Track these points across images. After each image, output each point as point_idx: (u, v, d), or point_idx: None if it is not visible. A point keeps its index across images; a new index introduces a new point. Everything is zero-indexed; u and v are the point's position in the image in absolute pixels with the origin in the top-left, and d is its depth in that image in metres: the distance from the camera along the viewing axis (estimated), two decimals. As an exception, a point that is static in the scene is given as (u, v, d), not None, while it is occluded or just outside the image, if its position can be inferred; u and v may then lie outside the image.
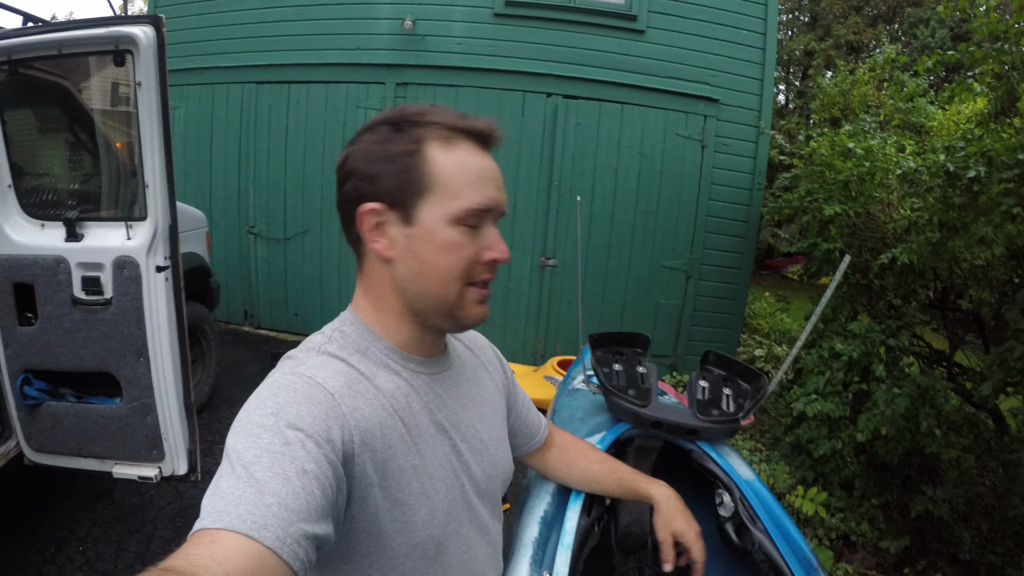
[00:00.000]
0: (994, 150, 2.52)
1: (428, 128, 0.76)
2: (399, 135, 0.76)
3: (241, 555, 0.50)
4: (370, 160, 0.76)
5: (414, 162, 0.75)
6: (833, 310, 3.70)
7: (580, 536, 1.18)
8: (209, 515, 0.54)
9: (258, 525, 0.52)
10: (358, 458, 0.69)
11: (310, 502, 0.57)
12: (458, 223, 0.75)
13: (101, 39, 2.25)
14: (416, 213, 0.75)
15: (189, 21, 5.75)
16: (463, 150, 0.77)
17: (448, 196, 0.75)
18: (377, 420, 0.73)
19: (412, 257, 0.77)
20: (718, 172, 5.37)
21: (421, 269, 0.77)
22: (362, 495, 0.70)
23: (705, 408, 1.51)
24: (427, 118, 0.76)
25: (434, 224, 0.75)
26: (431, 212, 0.75)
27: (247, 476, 0.57)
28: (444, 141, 0.76)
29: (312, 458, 0.60)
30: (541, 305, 5.55)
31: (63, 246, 2.41)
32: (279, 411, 0.64)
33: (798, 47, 13.94)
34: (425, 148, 0.75)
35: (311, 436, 0.62)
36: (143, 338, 2.36)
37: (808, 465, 3.47)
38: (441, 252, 0.76)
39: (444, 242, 0.75)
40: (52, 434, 2.50)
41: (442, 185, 0.75)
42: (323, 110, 5.53)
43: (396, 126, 0.77)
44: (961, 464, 2.90)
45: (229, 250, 5.88)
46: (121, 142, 2.83)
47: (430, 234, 0.75)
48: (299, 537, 0.55)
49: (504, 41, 5.25)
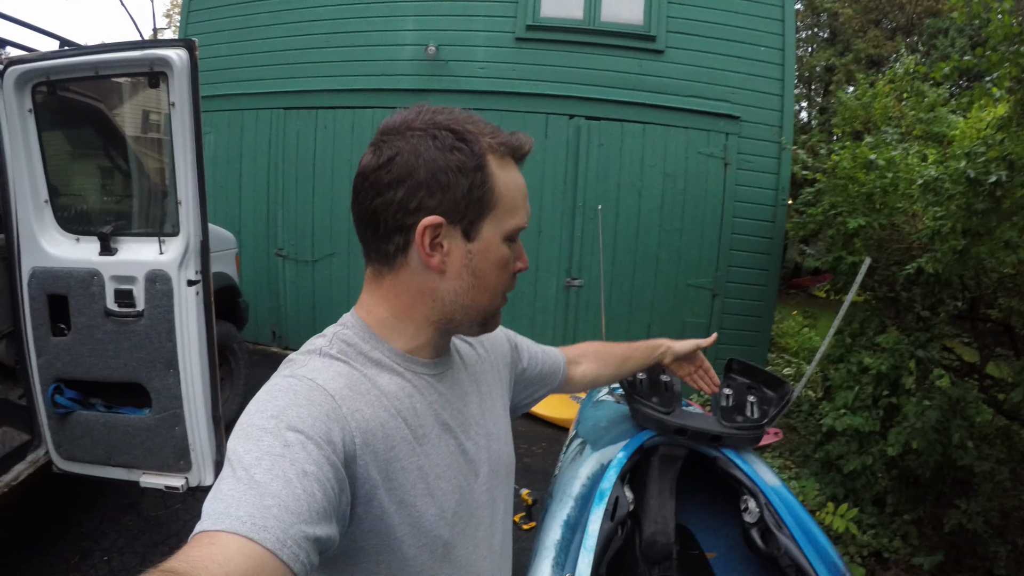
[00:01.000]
0: (1015, 154, 2.49)
1: (486, 142, 0.75)
2: (465, 146, 0.72)
3: (241, 557, 0.50)
4: (436, 169, 0.72)
5: (483, 178, 0.73)
6: (861, 324, 3.64)
7: (603, 539, 1.18)
8: (209, 517, 0.54)
9: (258, 527, 0.52)
10: (360, 460, 0.68)
11: (311, 504, 0.57)
12: (507, 240, 0.77)
13: (137, 61, 2.35)
14: (479, 229, 0.75)
15: (218, 49, 5.95)
16: (512, 167, 0.78)
17: (506, 214, 0.76)
18: (379, 422, 0.72)
19: (469, 272, 0.76)
20: (741, 189, 5.36)
21: (475, 284, 0.77)
22: (367, 496, 0.70)
23: (729, 415, 1.51)
24: (484, 131, 0.76)
25: (493, 241, 0.76)
26: (491, 229, 0.76)
27: (248, 478, 0.57)
28: (500, 158, 0.76)
29: (313, 460, 0.60)
30: (568, 325, 5.56)
31: (97, 259, 2.48)
32: (279, 414, 0.64)
33: (819, 63, 13.90)
34: (489, 164, 0.74)
35: (311, 438, 0.62)
36: (173, 350, 2.41)
37: (838, 481, 3.39)
38: (496, 268, 0.77)
39: (499, 258, 0.77)
40: (81, 443, 2.55)
41: (502, 203, 0.76)
42: (349, 135, 5.65)
43: (461, 137, 0.73)
44: (995, 476, 2.82)
45: (258, 272, 5.99)
46: (154, 163, 2.93)
47: (488, 250, 0.76)
48: (300, 539, 0.54)
49: (526, 64, 5.35)
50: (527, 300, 5.51)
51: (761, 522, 1.32)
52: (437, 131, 0.73)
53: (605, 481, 1.30)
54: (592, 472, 1.42)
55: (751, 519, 1.35)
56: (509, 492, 0.97)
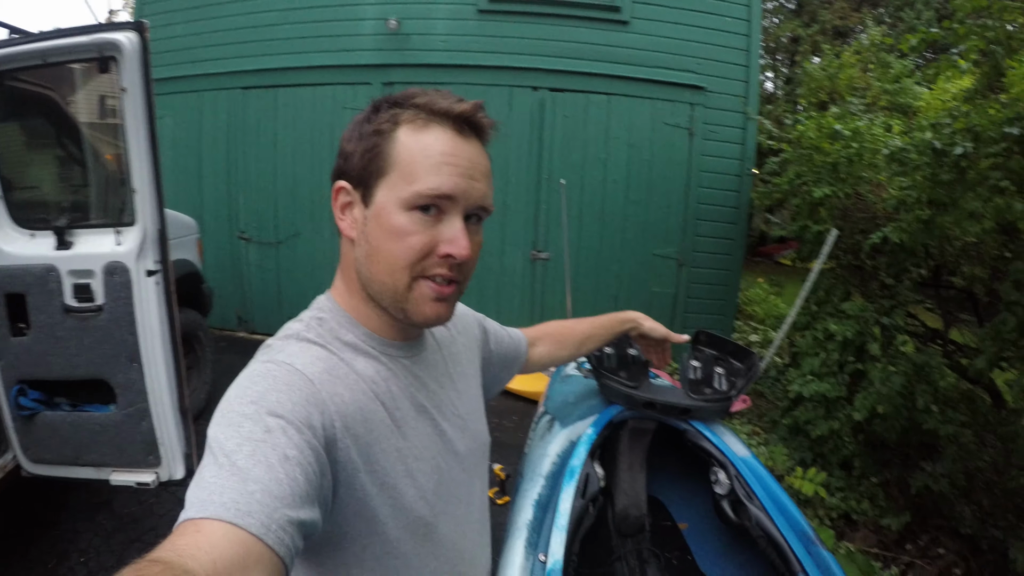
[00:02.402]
0: (981, 126, 2.52)
1: (406, 110, 0.74)
2: (376, 115, 0.75)
3: (227, 543, 0.50)
4: (348, 139, 0.77)
5: (380, 142, 0.73)
6: (826, 291, 3.71)
7: (575, 517, 1.18)
8: (193, 505, 0.54)
9: (242, 512, 0.52)
10: (340, 443, 0.69)
11: (294, 488, 0.57)
12: (412, 208, 0.72)
13: (85, 47, 2.26)
14: (374, 194, 0.74)
15: (174, 30, 5.75)
16: (434, 134, 0.73)
17: (403, 179, 0.72)
18: (358, 405, 0.73)
19: (365, 239, 0.75)
20: (707, 159, 5.39)
21: (369, 252, 0.75)
22: (348, 480, 0.70)
23: (697, 387, 1.52)
24: (411, 100, 0.75)
25: (386, 207, 0.73)
26: (385, 194, 0.73)
27: (229, 465, 0.56)
28: (419, 124, 0.73)
29: (294, 444, 0.60)
30: (535, 298, 5.56)
31: (53, 254, 2.41)
32: (259, 399, 0.64)
33: (784, 34, 13.93)
34: (397, 129, 0.73)
35: (292, 423, 0.62)
36: (135, 343, 2.36)
37: (806, 446, 3.48)
38: (388, 237, 0.73)
39: (392, 227, 0.72)
40: (49, 444, 2.49)
41: (400, 167, 0.72)
42: (310, 113, 5.53)
43: (377, 107, 0.76)
44: (959, 439, 2.90)
45: (221, 256, 5.87)
46: (109, 151, 2.83)
47: (380, 216, 0.73)
48: (284, 523, 0.54)
49: (489, 37, 5.26)
50: (493, 274, 5.50)
51: (732, 493, 1.34)
52: (369, 107, 0.77)
53: (575, 458, 1.31)
54: (561, 449, 1.42)
55: (722, 491, 1.37)
56: (485, 471, 0.99)
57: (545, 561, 1.07)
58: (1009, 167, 2.37)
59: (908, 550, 2.84)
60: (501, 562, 1.08)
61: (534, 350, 1.26)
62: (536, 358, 1.26)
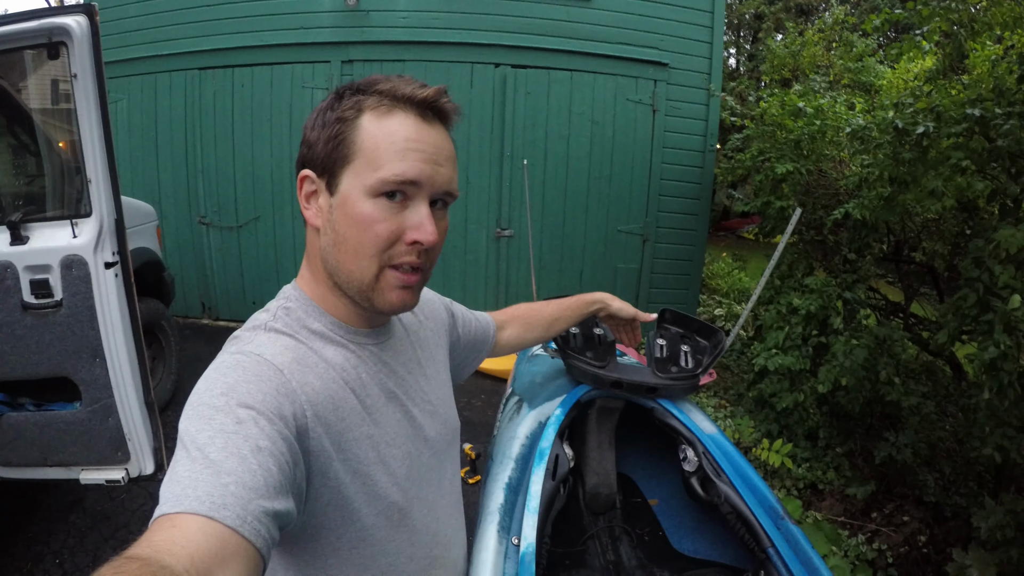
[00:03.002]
0: (943, 105, 2.57)
1: (369, 97, 0.74)
2: (339, 103, 0.75)
3: (203, 536, 0.50)
4: (311, 127, 0.76)
5: (343, 129, 0.73)
6: (789, 266, 3.78)
7: (546, 499, 1.20)
8: (168, 500, 0.54)
9: (217, 505, 0.52)
10: (312, 432, 0.69)
11: (267, 479, 0.57)
12: (377, 195, 0.72)
13: (33, 32, 2.17)
14: (339, 182, 0.74)
15: (126, 10, 5.51)
16: (398, 120, 0.72)
17: (368, 166, 0.72)
18: (328, 393, 0.73)
19: (331, 228, 0.75)
20: (670, 136, 5.42)
21: (336, 241, 0.75)
22: (322, 469, 0.70)
23: (664, 366, 1.54)
24: (374, 87, 0.74)
25: (351, 195, 0.72)
26: (350, 182, 0.73)
27: (202, 458, 0.56)
28: (382, 110, 0.73)
29: (266, 435, 0.60)
30: (500, 276, 5.58)
31: (8, 250, 2.32)
32: (229, 391, 0.64)
33: (748, 11, 13.97)
34: (360, 116, 0.73)
35: (263, 413, 0.62)
36: (97, 338, 2.30)
37: (772, 418, 3.57)
38: (354, 225, 0.73)
39: (358, 215, 0.72)
40: (15, 446, 2.42)
41: (365, 154, 0.72)
42: (268, 93, 5.40)
43: (339, 94, 0.76)
44: (921, 410, 3.00)
45: (182, 242, 5.74)
46: (62, 139, 2.72)
47: (345, 204, 0.73)
48: (259, 514, 0.55)
49: (449, 13, 5.18)
50: (457, 252, 5.49)
51: (700, 471, 1.37)
52: (332, 95, 0.77)
53: (544, 440, 1.32)
54: (530, 431, 1.43)
55: (690, 468, 1.40)
56: (456, 455, 1.01)
57: (519, 544, 1.09)
58: (971, 147, 2.42)
59: (874, 518, 2.95)
60: (474, 547, 1.09)
61: (502, 333, 1.27)
62: (504, 341, 1.27)
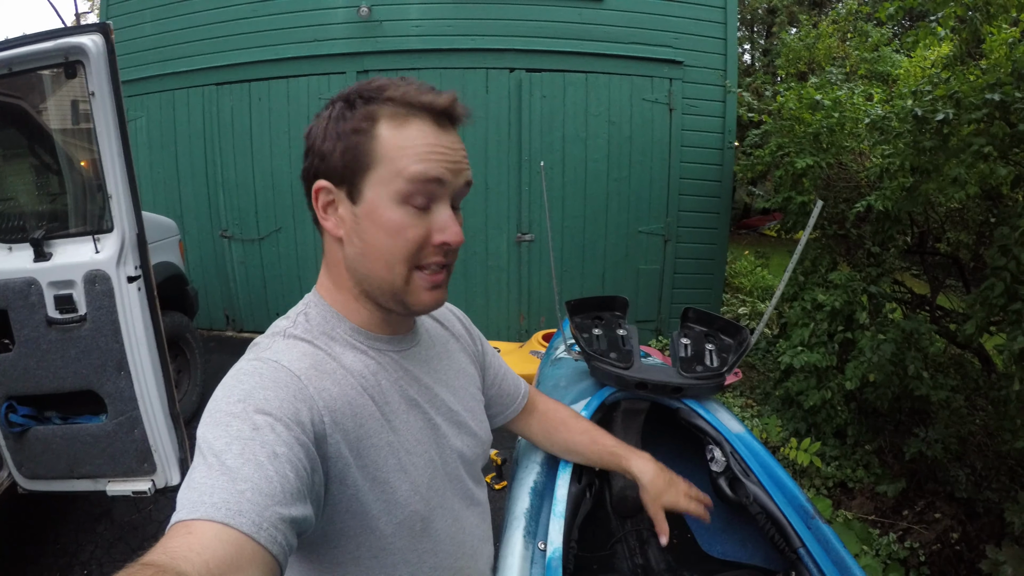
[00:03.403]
0: (961, 92, 2.51)
1: (382, 105, 0.73)
2: (351, 112, 0.74)
3: (219, 543, 0.50)
4: (323, 137, 0.75)
5: (362, 139, 0.72)
6: (813, 262, 3.72)
7: (572, 504, 1.18)
8: (184, 507, 0.54)
9: (233, 512, 0.52)
10: (331, 438, 0.68)
11: (284, 485, 0.57)
12: (404, 202, 0.72)
13: (50, 52, 2.21)
14: (362, 191, 0.73)
15: (143, 29, 5.63)
16: (416, 127, 0.73)
17: (392, 173, 0.72)
18: (346, 400, 0.72)
19: (358, 237, 0.75)
20: (688, 134, 5.37)
21: (365, 250, 0.75)
22: (340, 475, 0.70)
23: (688, 365, 1.51)
24: (384, 94, 0.73)
25: (378, 202, 0.73)
26: (375, 190, 0.73)
27: (219, 465, 0.56)
28: (398, 118, 0.73)
29: (283, 441, 0.60)
30: (521, 281, 5.55)
31: (32, 267, 2.36)
32: (246, 397, 0.63)
33: (761, 5, 13.89)
34: (376, 126, 0.72)
35: (280, 419, 0.62)
36: (122, 351, 2.33)
37: (800, 417, 3.51)
38: (384, 233, 0.73)
39: (387, 222, 0.72)
40: (42, 459, 2.46)
41: (387, 162, 0.72)
42: (285, 105, 5.45)
43: (350, 103, 0.75)
44: (951, 404, 2.93)
45: (204, 256, 5.82)
46: (83, 157, 2.77)
47: (373, 213, 0.73)
48: (276, 521, 0.54)
49: (462, 20, 5.19)
50: (479, 258, 5.48)
51: (728, 471, 1.34)
52: (338, 101, 0.76)
53: (570, 443, 1.30)
54: None
55: (718, 468, 1.37)
56: (480, 466, 0.98)
57: (545, 549, 1.07)
58: (992, 133, 2.37)
59: (905, 516, 2.88)
60: (500, 552, 1.08)
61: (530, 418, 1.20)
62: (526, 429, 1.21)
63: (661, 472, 1.14)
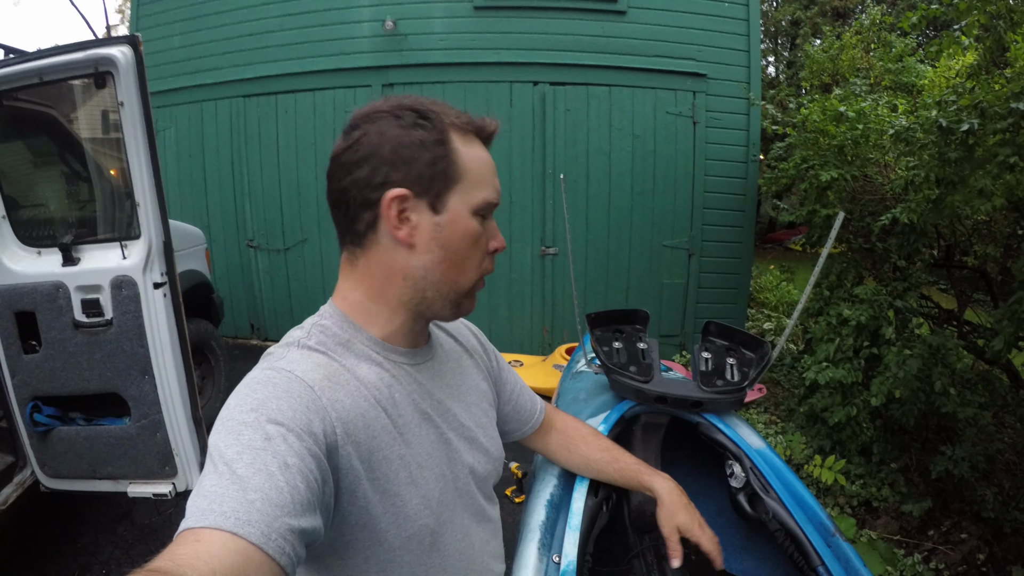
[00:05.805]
0: (986, 101, 2.47)
1: (450, 120, 0.77)
2: (428, 122, 0.75)
3: (226, 552, 0.50)
4: (399, 145, 0.74)
5: (447, 151, 0.75)
6: (838, 276, 3.66)
7: (588, 517, 1.16)
8: (193, 515, 0.53)
9: (242, 521, 0.52)
10: (342, 450, 0.68)
11: (294, 496, 0.57)
12: (476, 214, 0.78)
13: (81, 63, 2.27)
14: (446, 201, 0.76)
15: (171, 42, 5.77)
16: (477, 145, 0.79)
17: (472, 187, 0.77)
18: (359, 411, 0.72)
19: (438, 245, 0.77)
20: (712, 147, 5.35)
21: (445, 258, 0.77)
22: (351, 487, 0.69)
23: (709, 379, 1.49)
24: (431, 110, 0.77)
25: (461, 214, 0.77)
26: (459, 202, 0.77)
27: (229, 473, 0.56)
28: (462, 137, 0.78)
29: (294, 452, 0.60)
30: (545, 294, 5.55)
31: (61, 271, 2.43)
32: (259, 407, 0.63)
33: (784, 17, 13.82)
34: (453, 140, 0.76)
35: (292, 430, 0.62)
36: (146, 355, 2.37)
37: (824, 434, 3.44)
38: (466, 242, 0.78)
39: (469, 232, 0.78)
40: (65, 459, 2.51)
41: (468, 176, 0.77)
42: (312, 118, 5.53)
43: (422, 114, 0.75)
44: (978, 422, 2.86)
45: (230, 265, 5.92)
46: (112, 165, 2.84)
47: (457, 223, 0.77)
48: (284, 532, 0.54)
49: (486, 33, 5.24)
50: (503, 271, 5.48)
51: (748, 487, 1.32)
52: (401, 111, 0.75)
53: (588, 457, 1.29)
54: None
55: (737, 484, 1.35)
56: (492, 483, 0.97)
57: (559, 562, 1.06)
58: (1018, 143, 2.32)
59: (930, 536, 2.81)
60: (515, 564, 1.07)
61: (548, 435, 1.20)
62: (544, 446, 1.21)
63: (680, 492, 1.13)
